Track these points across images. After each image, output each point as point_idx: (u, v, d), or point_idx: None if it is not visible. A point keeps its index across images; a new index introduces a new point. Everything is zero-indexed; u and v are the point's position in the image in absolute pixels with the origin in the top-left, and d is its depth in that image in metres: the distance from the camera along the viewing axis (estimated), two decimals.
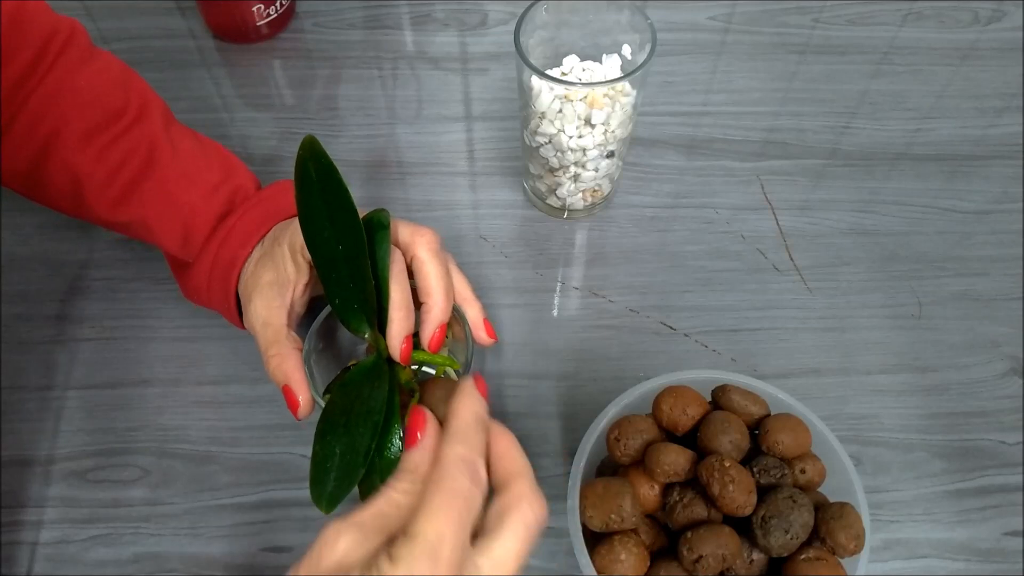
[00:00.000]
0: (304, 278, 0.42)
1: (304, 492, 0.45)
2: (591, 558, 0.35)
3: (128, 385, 0.49)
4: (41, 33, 0.43)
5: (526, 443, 0.46)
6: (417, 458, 0.30)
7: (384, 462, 0.37)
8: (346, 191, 0.38)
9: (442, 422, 0.31)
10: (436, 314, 0.40)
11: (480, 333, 0.43)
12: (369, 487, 0.36)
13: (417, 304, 0.40)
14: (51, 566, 0.43)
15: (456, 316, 0.42)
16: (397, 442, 0.37)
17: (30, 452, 0.46)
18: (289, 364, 0.39)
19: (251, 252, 0.43)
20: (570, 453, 0.38)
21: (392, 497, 0.28)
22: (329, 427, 0.36)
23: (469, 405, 0.30)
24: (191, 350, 0.51)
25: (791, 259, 0.55)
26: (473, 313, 0.43)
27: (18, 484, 0.45)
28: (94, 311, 0.53)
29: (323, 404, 0.38)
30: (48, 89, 0.43)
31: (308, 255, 0.40)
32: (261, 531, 0.44)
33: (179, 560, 0.43)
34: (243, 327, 0.46)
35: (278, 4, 0.69)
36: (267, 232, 0.44)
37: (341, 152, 0.61)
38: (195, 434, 0.47)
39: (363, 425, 0.35)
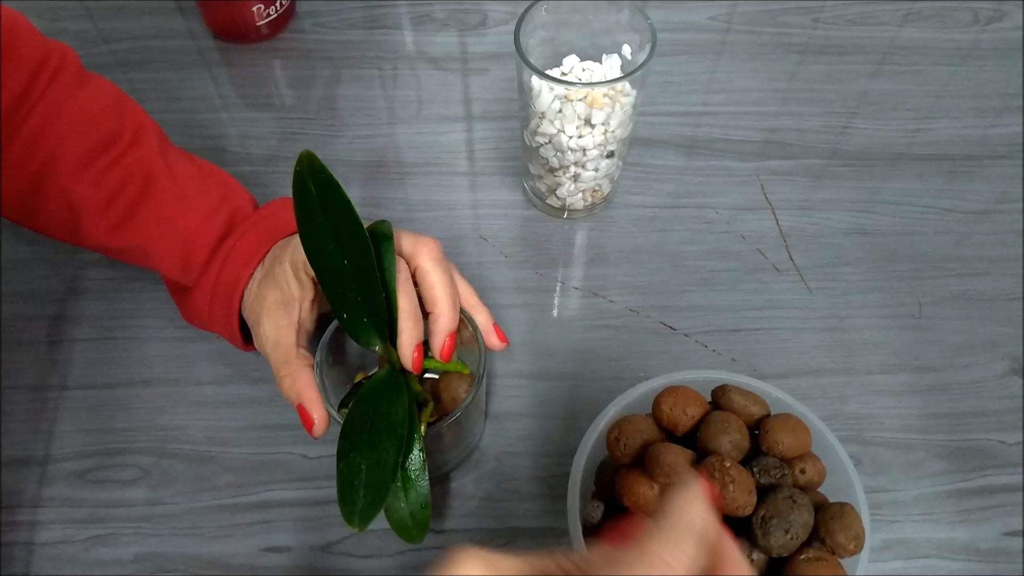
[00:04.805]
0: (309, 295, 0.42)
1: (304, 492, 0.45)
2: None
3: (127, 385, 0.49)
4: (32, 58, 0.42)
5: (526, 443, 0.46)
6: (608, 550, 0.24)
7: (404, 474, 0.37)
8: (349, 205, 0.38)
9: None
10: (444, 322, 0.40)
11: (491, 339, 0.43)
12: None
13: (424, 314, 0.40)
14: (51, 566, 0.43)
15: (464, 321, 0.42)
16: (417, 453, 0.37)
17: (30, 452, 0.46)
18: (301, 382, 0.39)
19: (252, 273, 0.43)
20: (570, 453, 0.38)
21: (545, 567, 0.24)
22: (351, 444, 0.36)
23: (688, 505, 0.24)
24: (191, 350, 0.50)
25: (791, 259, 0.55)
26: (482, 319, 0.43)
27: (18, 484, 0.45)
28: (94, 311, 0.53)
29: (339, 419, 0.38)
30: (42, 115, 0.42)
31: (311, 271, 0.39)
32: (261, 531, 0.44)
33: (179, 560, 0.43)
34: (245, 348, 0.46)
35: (278, 4, 0.69)
36: (267, 252, 0.44)
37: (341, 152, 0.61)
38: (195, 434, 0.47)
39: (387, 440, 0.35)
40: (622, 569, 0.23)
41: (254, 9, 0.67)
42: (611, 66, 0.51)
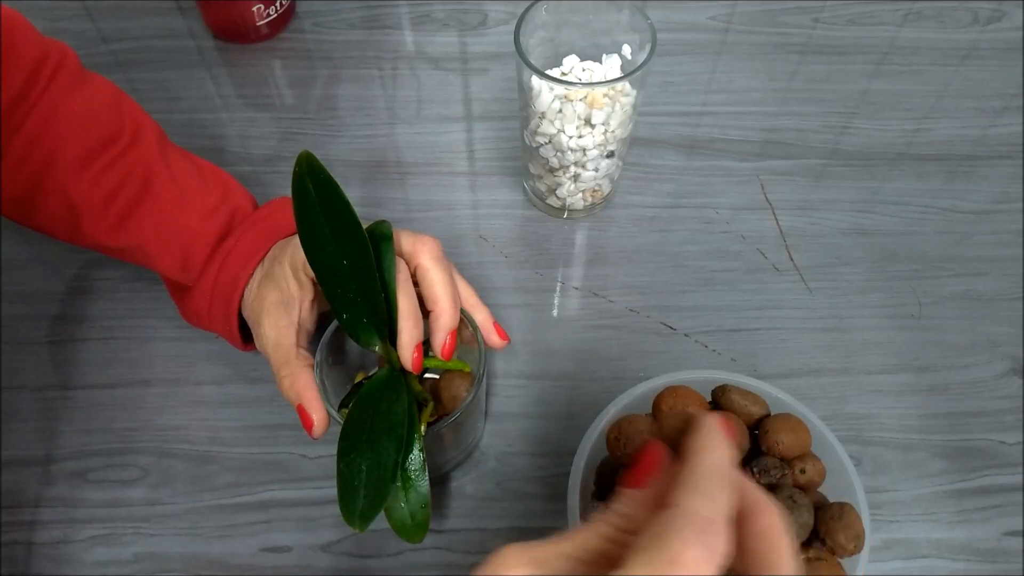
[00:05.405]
0: (309, 295, 0.42)
1: (304, 492, 0.45)
2: None
3: (128, 385, 0.49)
4: (31, 57, 0.42)
5: (526, 443, 0.46)
6: (641, 500, 0.24)
7: (404, 474, 0.37)
8: (348, 205, 0.38)
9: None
10: (445, 321, 0.40)
11: (492, 337, 0.43)
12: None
13: (424, 314, 0.40)
14: (51, 566, 0.43)
15: (465, 320, 0.42)
16: (417, 453, 0.37)
17: (30, 452, 0.46)
18: (301, 383, 0.39)
19: (252, 273, 0.43)
20: (570, 453, 0.38)
21: (587, 541, 0.23)
22: (351, 445, 0.36)
23: (714, 448, 0.24)
24: (191, 350, 0.51)
25: (791, 259, 0.55)
26: (482, 318, 0.43)
27: (18, 484, 0.45)
28: (94, 311, 0.53)
29: (339, 419, 0.38)
30: (41, 114, 0.42)
31: (311, 272, 0.39)
32: (261, 531, 0.44)
33: (179, 560, 0.43)
34: (244, 349, 0.46)
35: (278, 4, 0.69)
36: (267, 252, 0.44)
37: (341, 152, 0.61)
38: (195, 434, 0.47)
39: (387, 440, 0.36)
40: (672, 534, 0.21)
41: (254, 9, 0.67)
42: (611, 66, 0.51)
